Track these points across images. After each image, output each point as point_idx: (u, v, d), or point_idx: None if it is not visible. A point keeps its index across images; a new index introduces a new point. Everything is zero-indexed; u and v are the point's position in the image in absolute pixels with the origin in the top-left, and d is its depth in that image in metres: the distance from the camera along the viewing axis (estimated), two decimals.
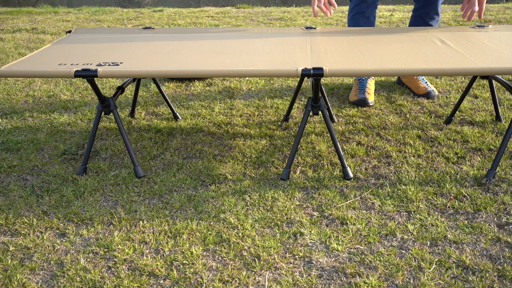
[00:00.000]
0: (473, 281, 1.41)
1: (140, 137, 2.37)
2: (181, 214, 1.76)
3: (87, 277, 1.45)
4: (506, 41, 2.15)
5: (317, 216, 1.73)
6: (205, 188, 1.92)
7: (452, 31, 2.34)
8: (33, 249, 1.59)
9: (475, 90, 2.85)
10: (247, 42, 2.25)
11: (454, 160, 2.08)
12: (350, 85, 3.00)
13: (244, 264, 1.50)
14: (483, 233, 1.62)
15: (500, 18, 4.67)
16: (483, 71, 1.77)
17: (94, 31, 2.53)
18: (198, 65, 1.90)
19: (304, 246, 1.58)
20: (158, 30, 2.51)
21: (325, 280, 1.43)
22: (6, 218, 1.74)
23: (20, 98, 2.93)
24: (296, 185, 1.93)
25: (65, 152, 2.23)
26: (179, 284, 1.43)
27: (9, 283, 1.44)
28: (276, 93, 2.94)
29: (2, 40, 4.39)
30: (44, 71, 1.84)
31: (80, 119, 2.61)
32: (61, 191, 1.91)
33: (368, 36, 2.32)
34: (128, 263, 1.52)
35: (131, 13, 5.74)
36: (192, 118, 2.59)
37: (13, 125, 2.56)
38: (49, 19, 5.43)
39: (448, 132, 2.33)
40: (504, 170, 1.98)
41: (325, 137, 2.32)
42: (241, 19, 5.11)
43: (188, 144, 2.29)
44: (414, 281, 1.42)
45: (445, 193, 1.85)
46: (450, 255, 1.52)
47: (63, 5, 7.20)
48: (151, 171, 2.06)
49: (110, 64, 1.92)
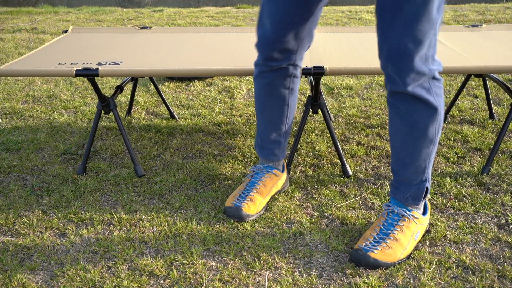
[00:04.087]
0: (473, 281, 1.41)
1: (140, 137, 2.37)
2: (181, 214, 1.76)
3: (87, 277, 1.45)
4: (500, 40, 2.15)
5: (317, 216, 1.73)
6: (205, 188, 1.92)
7: (448, 30, 2.34)
8: (33, 249, 1.59)
9: (475, 90, 2.85)
10: (247, 42, 2.25)
11: (454, 160, 2.08)
12: (350, 85, 3.00)
13: (244, 264, 1.50)
14: (483, 233, 1.61)
15: (500, 18, 4.67)
16: (480, 70, 1.78)
17: (92, 30, 2.53)
18: (198, 64, 1.90)
19: (304, 246, 1.57)
20: (156, 30, 2.51)
21: (325, 280, 1.43)
22: (6, 218, 1.74)
23: (20, 98, 2.93)
24: (296, 185, 1.93)
25: (65, 152, 2.23)
26: (179, 284, 1.43)
27: (9, 283, 1.44)
28: None
29: (2, 40, 4.39)
30: (45, 70, 1.84)
31: (80, 119, 2.61)
32: (61, 191, 1.91)
33: (367, 35, 2.32)
34: (128, 263, 1.52)
35: (131, 13, 5.74)
36: (192, 118, 2.59)
37: (13, 125, 2.55)
38: (49, 19, 5.43)
39: (448, 132, 2.33)
40: (504, 170, 1.98)
41: (325, 137, 2.32)
42: (241, 19, 5.11)
43: (188, 144, 2.29)
44: (414, 281, 1.42)
45: (445, 193, 1.85)
46: (450, 255, 1.52)
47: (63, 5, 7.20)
48: (151, 171, 2.06)
49: (110, 63, 1.92)
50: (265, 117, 1.75)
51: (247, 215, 1.70)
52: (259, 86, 1.70)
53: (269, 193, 1.79)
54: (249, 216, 1.70)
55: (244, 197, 1.74)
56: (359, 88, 2.96)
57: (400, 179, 1.55)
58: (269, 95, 1.70)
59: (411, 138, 1.48)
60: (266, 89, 1.69)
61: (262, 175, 1.80)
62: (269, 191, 1.79)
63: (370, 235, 1.53)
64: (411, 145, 1.49)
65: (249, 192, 1.76)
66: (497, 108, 2.60)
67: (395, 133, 1.51)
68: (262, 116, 1.76)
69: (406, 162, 1.52)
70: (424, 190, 1.55)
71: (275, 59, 1.60)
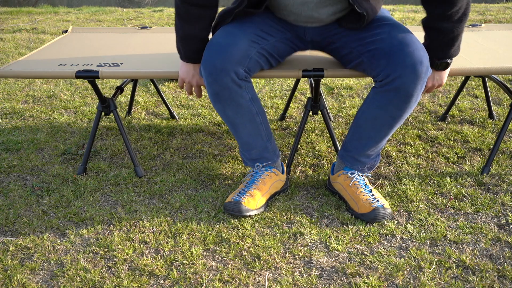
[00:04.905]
0: (473, 281, 1.41)
1: (140, 137, 2.37)
2: (181, 214, 1.76)
3: (87, 277, 1.45)
4: (499, 40, 2.15)
5: (317, 216, 1.73)
6: (205, 188, 1.92)
7: None
8: (33, 249, 1.59)
9: (475, 90, 2.86)
10: None
11: (454, 160, 2.08)
12: (350, 85, 3.00)
13: (244, 264, 1.50)
14: (483, 233, 1.62)
15: (500, 18, 4.67)
16: (480, 72, 1.78)
17: (92, 30, 2.53)
18: None
19: (304, 246, 1.58)
20: (156, 30, 2.51)
21: (325, 280, 1.43)
22: (6, 218, 1.74)
23: (20, 98, 2.93)
24: (296, 185, 1.93)
25: (65, 152, 2.23)
26: (179, 284, 1.43)
27: (9, 283, 1.44)
28: (276, 93, 2.94)
29: (2, 40, 4.39)
30: (45, 71, 1.84)
31: (80, 119, 2.61)
32: (61, 191, 1.91)
33: None
34: (128, 263, 1.52)
35: (131, 13, 5.74)
36: (192, 118, 2.59)
37: (13, 125, 2.55)
38: (49, 19, 5.43)
39: (448, 132, 2.33)
40: (504, 170, 1.98)
41: (325, 137, 2.32)
42: None
43: (188, 144, 2.29)
44: (414, 281, 1.42)
45: (445, 193, 1.85)
46: (450, 255, 1.52)
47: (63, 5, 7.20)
48: (151, 171, 2.06)
49: (111, 64, 1.92)
50: (242, 134, 1.76)
51: (247, 209, 1.69)
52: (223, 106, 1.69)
53: (268, 190, 1.78)
54: (248, 210, 1.69)
55: (243, 193, 1.74)
56: (359, 88, 2.96)
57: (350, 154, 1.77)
58: (236, 112, 1.69)
59: (387, 126, 1.67)
60: (230, 107, 1.68)
61: (261, 173, 1.80)
62: (268, 188, 1.78)
63: None
64: (386, 131, 1.68)
65: (248, 188, 1.76)
66: (497, 108, 2.60)
67: (369, 119, 1.67)
68: (238, 134, 1.77)
69: (368, 144, 1.72)
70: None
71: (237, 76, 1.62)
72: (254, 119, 1.72)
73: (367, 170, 1.80)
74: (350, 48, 1.67)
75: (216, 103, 1.68)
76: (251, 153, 1.80)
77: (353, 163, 1.78)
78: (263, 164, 1.81)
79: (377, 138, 1.70)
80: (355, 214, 1.71)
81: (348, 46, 1.68)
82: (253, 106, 1.70)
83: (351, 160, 1.78)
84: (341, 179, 1.78)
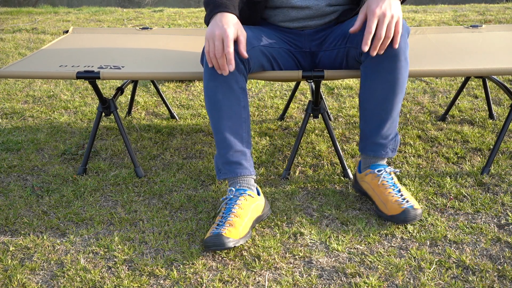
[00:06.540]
0: (473, 281, 1.41)
1: (140, 137, 2.37)
2: (181, 214, 1.76)
3: (87, 277, 1.45)
4: (500, 41, 2.15)
5: (317, 216, 1.73)
6: (205, 188, 1.92)
7: (447, 32, 2.34)
8: (33, 249, 1.59)
9: (475, 90, 2.86)
10: None
11: (454, 160, 2.08)
12: (350, 85, 3.00)
13: (244, 264, 1.50)
14: (483, 233, 1.62)
15: (500, 18, 4.67)
16: (480, 72, 1.78)
17: (92, 31, 2.53)
18: (199, 67, 1.90)
19: (304, 246, 1.58)
20: (156, 31, 2.51)
21: (325, 280, 1.43)
22: (6, 218, 1.74)
23: (20, 98, 2.93)
24: (296, 185, 1.93)
25: (65, 152, 2.23)
26: (179, 284, 1.43)
27: (9, 283, 1.44)
28: (276, 93, 2.94)
29: (2, 40, 4.39)
30: (46, 72, 1.84)
31: (80, 119, 2.61)
32: (61, 191, 1.91)
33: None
34: (128, 263, 1.52)
35: (131, 13, 5.74)
36: (192, 118, 2.59)
37: (13, 125, 2.56)
38: (49, 19, 5.44)
39: (448, 132, 2.33)
40: (504, 170, 1.98)
41: (325, 137, 2.32)
42: None
43: (188, 144, 2.29)
44: (414, 281, 1.42)
45: (445, 193, 1.85)
46: (450, 255, 1.52)
47: (63, 5, 7.20)
48: (151, 171, 2.06)
49: (112, 66, 1.91)
50: (224, 125, 1.66)
51: (230, 240, 1.50)
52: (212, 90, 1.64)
53: (248, 216, 1.60)
54: (232, 241, 1.50)
55: (222, 224, 1.56)
56: (359, 88, 2.96)
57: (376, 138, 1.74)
58: (224, 97, 1.64)
59: (390, 96, 1.66)
60: (221, 92, 1.63)
61: (236, 199, 1.63)
62: (248, 213, 1.60)
63: None
64: (390, 102, 1.67)
65: (226, 218, 1.58)
66: (497, 108, 2.60)
67: (370, 97, 1.68)
68: (219, 127, 1.67)
69: (381, 123, 1.71)
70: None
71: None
72: (239, 112, 1.66)
73: (391, 152, 1.75)
74: (336, 43, 1.75)
75: (210, 81, 1.61)
76: (228, 155, 1.66)
77: (375, 149, 1.74)
78: (236, 187, 1.67)
79: (385, 113, 1.68)
80: (384, 216, 1.67)
81: (335, 44, 1.76)
82: (242, 98, 1.65)
83: (372, 147, 1.74)
84: (369, 178, 1.75)
